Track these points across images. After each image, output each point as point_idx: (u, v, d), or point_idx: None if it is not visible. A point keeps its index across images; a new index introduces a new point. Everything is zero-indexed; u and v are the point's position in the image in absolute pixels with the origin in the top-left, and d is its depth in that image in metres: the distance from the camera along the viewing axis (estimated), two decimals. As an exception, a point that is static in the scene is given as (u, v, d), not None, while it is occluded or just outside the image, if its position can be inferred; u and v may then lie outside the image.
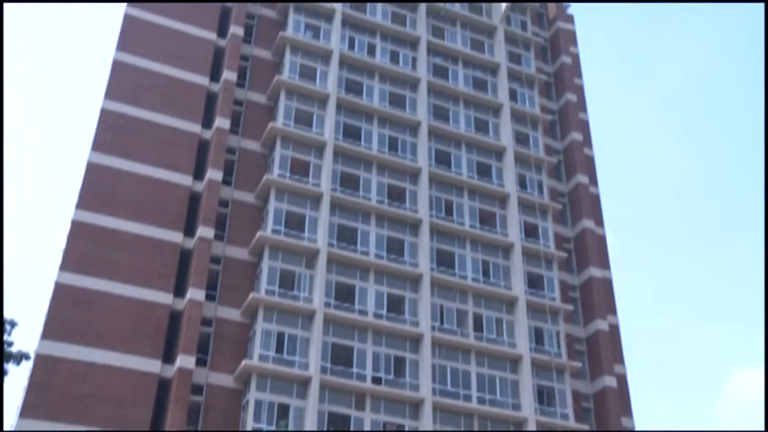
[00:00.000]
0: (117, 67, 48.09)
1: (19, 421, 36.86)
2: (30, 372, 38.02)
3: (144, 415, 38.88)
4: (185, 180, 46.00)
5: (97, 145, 45.17)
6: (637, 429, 49.38)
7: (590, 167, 58.91)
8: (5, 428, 38.17)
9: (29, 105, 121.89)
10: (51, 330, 39.29)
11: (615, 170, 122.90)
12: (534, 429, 43.89)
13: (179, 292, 43.00)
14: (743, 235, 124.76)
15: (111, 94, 47.02)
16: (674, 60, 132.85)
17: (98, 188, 43.87)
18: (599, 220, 56.77)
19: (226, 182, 46.60)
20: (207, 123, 48.77)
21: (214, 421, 39.77)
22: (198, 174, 46.85)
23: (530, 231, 51.93)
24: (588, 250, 53.69)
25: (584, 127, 60.73)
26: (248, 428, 38.78)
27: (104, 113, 46.33)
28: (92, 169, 44.35)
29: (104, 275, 41.58)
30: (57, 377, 38.25)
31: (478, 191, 51.71)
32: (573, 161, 57.38)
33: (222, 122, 47.38)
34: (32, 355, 36.55)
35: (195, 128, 47.92)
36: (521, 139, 55.51)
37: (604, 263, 55.06)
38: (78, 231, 42.33)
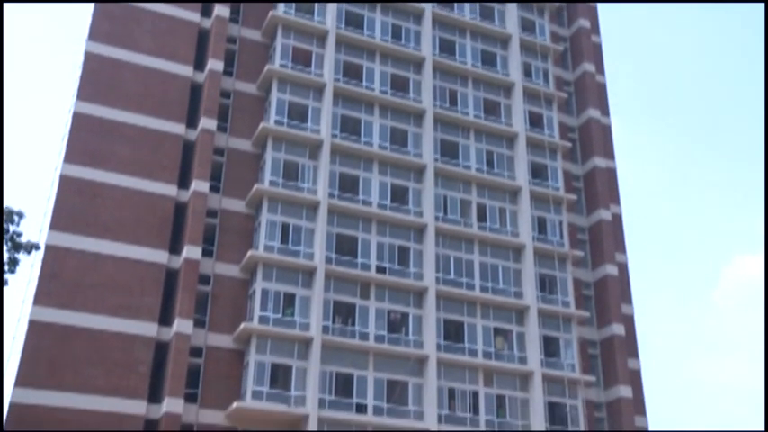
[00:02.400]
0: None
1: (33, 308, 37.69)
2: (41, 262, 38.63)
3: (153, 303, 39.70)
4: (186, 71, 45.31)
5: (94, 34, 44.29)
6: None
7: (597, 55, 57.85)
8: (23, 314, 39.10)
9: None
10: (59, 222, 39.64)
11: (622, 57, 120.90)
12: (536, 316, 44.86)
13: (183, 183, 43.10)
14: (747, 123, 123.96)
15: (106, -19, 45.77)
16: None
17: (98, 79, 43.31)
18: (605, 110, 56.20)
19: (227, 72, 45.93)
20: (206, 12, 47.63)
21: (222, 310, 40.62)
22: (198, 64, 46.12)
23: (534, 121, 51.52)
24: (593, 140, 53.39)
25: (592, 13, 59.29)
26: (255, 317, 39.66)
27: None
28: (90, 59, 43.66)
29: (108, 167, 41.59)
30: (67, 267, 38.87)
31: (483, 80, 50.99)
32: (580, 49, 56.30)
33: (222, 11, 46.30)
34: (42, 246, 37.07)
35: (194, 16, 46.83)
36: (527, 26, 54.28)
37: (609, 153, 54.90)
38: (80, 123, 42.08)
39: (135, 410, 37.37)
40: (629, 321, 50.01)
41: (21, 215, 28.79)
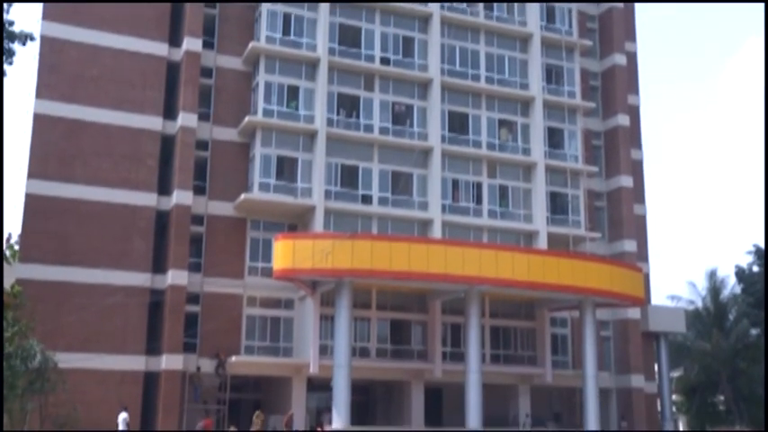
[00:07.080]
0: None
1: (36, 102, 37.55)
2: (38, 54, 37.95)
3: (156, 97, 39.47)
4: None
5: None
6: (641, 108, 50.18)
7: None
8: (24, 108, 38.89)
9: None
10: (52, 11, 38.42)
11: None
12: (541, 107, 44.64)
13: (179, -28, 41.46)
14: None
15: None
16: None
17: None
18: None
19: None
20: None
21: (225, 103, 40.43)
22: None
23: None
24: None
25: None
26: (259, 110, 39.52)
27: None
28: None
29: (99, -45, 39.84)
30: (66, 60, 38.25)
31: None
32: None
33: None
34: (37, 37, 36.19)
35: None
36: None
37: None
38: None
39: (145, 202, 38.27)
40: (634, 112, 49.89)
41: (9, 1, 27.38)
